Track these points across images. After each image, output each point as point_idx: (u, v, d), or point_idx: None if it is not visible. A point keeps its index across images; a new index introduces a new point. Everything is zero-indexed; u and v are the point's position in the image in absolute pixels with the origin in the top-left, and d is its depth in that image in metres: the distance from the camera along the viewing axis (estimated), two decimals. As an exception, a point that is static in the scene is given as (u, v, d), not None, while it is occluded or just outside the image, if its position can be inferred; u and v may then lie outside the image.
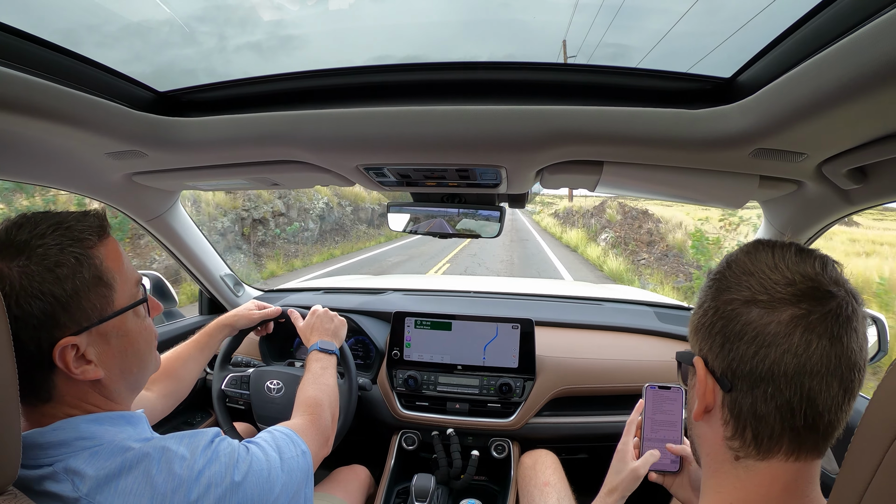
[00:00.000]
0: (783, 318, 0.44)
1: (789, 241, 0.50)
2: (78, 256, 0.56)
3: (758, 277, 0.47)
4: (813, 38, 0.53)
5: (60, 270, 0.54)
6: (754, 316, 0.46)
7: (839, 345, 0.44)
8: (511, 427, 1.40)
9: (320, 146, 0.86)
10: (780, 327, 0.44)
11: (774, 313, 0.45)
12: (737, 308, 0.47)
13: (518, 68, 0.76)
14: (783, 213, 1.01)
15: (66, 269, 0.55)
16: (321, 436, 0.86)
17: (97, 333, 0.58)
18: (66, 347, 0.55)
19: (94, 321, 0.57)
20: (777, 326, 0.44)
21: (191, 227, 1.46)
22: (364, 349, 1.63)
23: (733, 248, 0.54)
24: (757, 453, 0.47)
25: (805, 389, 0.44)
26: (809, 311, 0.44)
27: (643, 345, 1.52)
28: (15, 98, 0.67)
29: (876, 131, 0.60)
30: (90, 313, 0.57)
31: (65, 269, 0.55)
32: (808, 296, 0.44)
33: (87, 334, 0.57)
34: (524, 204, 1.20)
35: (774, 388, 0.45)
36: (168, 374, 1.00)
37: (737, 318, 0.47)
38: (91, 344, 0.57)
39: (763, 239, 0.52)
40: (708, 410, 0.50)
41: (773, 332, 0.44)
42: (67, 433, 0.55)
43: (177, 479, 0.55)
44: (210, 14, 1.35)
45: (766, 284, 0.46)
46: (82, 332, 0.56)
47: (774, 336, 0.44)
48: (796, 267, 0.46)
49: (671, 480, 0.79)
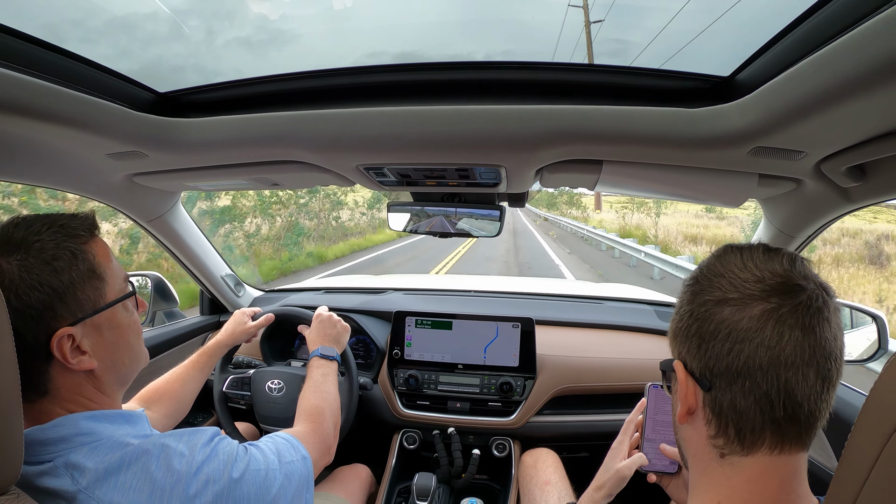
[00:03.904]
0: (754, 313, 0.46)
1: (758, 243, 0.52)
2: (73, 251, 0.59)
3: (728, 278, 0.49)
4: (811, 36, 0.53)
5: (57, 263, 0.57)
6: (727, 314, 0.47)
7: (812, 335, 0.45)
8: (512, 426, 1.40)
9: (320, 146, 0.86)
10: (751, 322, 0.46)
11: (745, 309, 0.46)
12: (710, 309, 0.49)
13: (517, 68, 0.77)
14: (782, 212, 1.01)
15: (62, 262, 0.58)
16: (323, 444, 0.87)
17: (91, 325, 0.60)
18: (63, 337, 0.57)
19: (89, 312, 0.60)
20: (749, 322, 0.46)
21: (191, 227, 1.46)
22: (365, 349, 1.63)
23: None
24: (741, 449, 0.47)
25: (781, 381, 0.45)
26: (780, 305, 0.45)
27: (644, 343, 1.52)
28: (15, 100, 0.67)
29: (874, 129, 0.60)
30: (85, 305, 0.60)
31: (61, 262, 0.58)
32: (777, 290, 0.46)
33: (81, 325, 0.59)
34: (524, 203, 1.20)
35: (752, 382, 0.46)
36: (169, 396, 1.02)
37: (710, 318, 0.48)
38: (85, 335, 0.60)
39: (733, 243, 0.54)
40: (691, 412, 0.51)
41: (745, 328, 0.46)
42: (67, 429, 0.56)
43: (175, 475, 0.56)
44: (197, 7, 1.33)
45: (735, 283, 0.48)
46: (78, 322, 0.59)
47: (747, 331, 0.46)
48: (764, 265, 0.48)
49: (668, 481, 0.79)
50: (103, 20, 1.06)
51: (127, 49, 1.10)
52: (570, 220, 22.57)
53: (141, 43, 1.20)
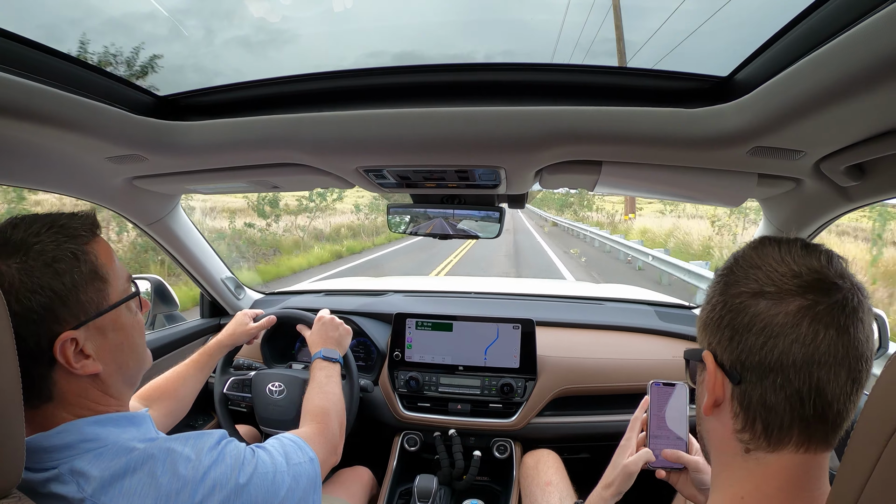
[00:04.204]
0: (790, 308, 0.45)
1: (794, 237, 0.51)
2: (74, 252, 0.57)
3: (765, 270, 0.48)
4: (809, 35, 0.54)
5: (59, 265, 0.55)
6: (762, 307, 0.46)
7: (846, 335, 0.44)
8: (513, 427, 1.40)
9: (320, 149, 0.86)
10: (787, 318, 0.45)
11: (782, 304, 0.45)
12: (745, 301, 0.48)
13: (516, 69, 0.77)
14: (782, 211, 1.01)
15: (63, 264, 0.56)
16: (329, 444, 0.87)
17: (94, 328, 0.59)
18: (66, 342, 0.55)
19: (92, 315, 0.58)
20: (785, 317, 0.45)
21: (191, 230, 1.47)
22: (365, 351, 1.63)
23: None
24: (767, 445, 0.47)
25: (814, 379, 0.44)
26: (816, 302, 0.45)
27: (644, 344, 1.52)
28: (15, 103, 0.67)
29: (873, 128, 0.61)
30: (87, 307, 0.58)
31: (63, 264, 0.56)
32: (814, 287, 0.45)
33: (85, 328, 0.57)
34: (524, 204, 1.20)
35: (783, 379, 0.45)
36: (168, 394, 1.02)
37: (745, 311, 0.48)
38: (89, 338, 0.58)
39: (769, 235, 0.53)
40: (717, 404, 0.51)
41: (780, 323, 0.45)
42: (72, 436, 0.55)
43: (182, 480, 0.55)
44: (195, 7, 1.33)
45: (773, 277, 0.47)
46: (81, 325, 0.57)
47: (782, 326, 0.45)
48: (802, 260, 0.47)
49: (677, 477, 0.79)
50: (101, 20, 1.06)
51: (125, 49, 1.10)
52: (601, 232, 13.87)
53: (139, 43, 1.21)
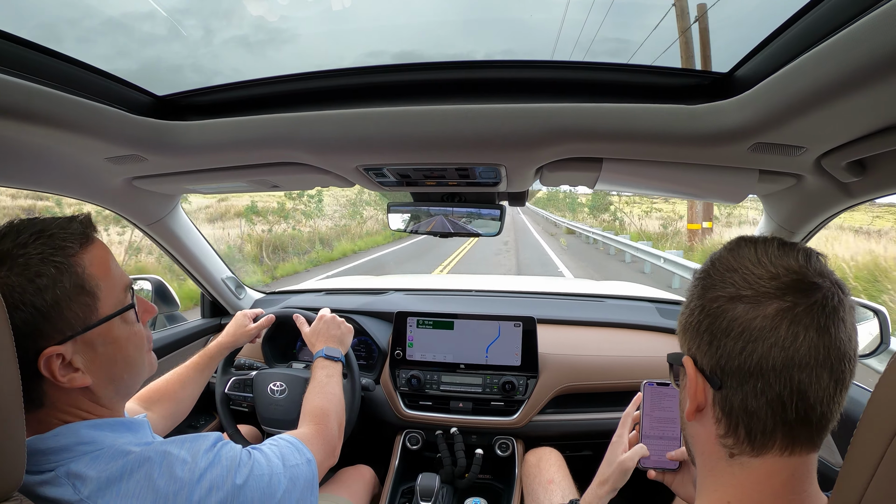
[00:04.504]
0: (769, 311, 0.44)
1: (772, 236, 0.50)
2: (58, 266, 0.55)
3: (741, 273, 0.47)
4: (810, 32, 0.53)
5: (40, 280, 0.54)
6: (740, 311, 0.45)
7: (827, 336, 0.43)
8: (515, 425, 1.40)
9: (320, 147, 0.86)
10: (765, 321, 0.44)
11: (759, 308, 0.45)
12: (722, 305, 0.47)
13: (516, 66, 0.77)
14: (783, 208, 1.01)
15: (45, 280, 0.54)
16: (327, 445, 0.86)
17: (83, 342, 0.57)
18: (51, 357, 0.54)
19: (78, 330, 0.57)
20: (763, 321, 0.44)
21: (191, 230, 1.46)
22: (367, 349, 1.63)
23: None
24: (751, 450, 0.46)
25: (795, 382, 0.43)
26: (795, 304, 0.44)
27: (645, 341, 1.52)
28: (14, 104, 0.67)
29: (874, 124, 0.60)
30: (73, 323, 0.56)
31: (44, 280, 0.54)
32: (792, 288, 0.44)
33: (72, 343, 0.56)
34: (524, 202, 1.20)
35: (764, 383, 0.44)
36: (168, 397, 1.01)
37: (723, 315, 0.47)
38: (77, 352, 0.57)
39: (746, 235, 0.52)
40: (700, 409, 0.50)
41: (759, 327, 0.44)
42: (68, 438, 0.55)
43: (178, 482, 0.55)
44: (194, 6, 1.33)
45: (749, 279, 0.46)
46: (66, 341, 0.55)
47: (761, 330, 0.44)
48: (779, 261, 0.46)
49: (671, 478, 0.79)
50: (100, 20, 1.06)
51: (124, 49, 1.10)
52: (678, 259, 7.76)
53: (138, 43, 1.20)
